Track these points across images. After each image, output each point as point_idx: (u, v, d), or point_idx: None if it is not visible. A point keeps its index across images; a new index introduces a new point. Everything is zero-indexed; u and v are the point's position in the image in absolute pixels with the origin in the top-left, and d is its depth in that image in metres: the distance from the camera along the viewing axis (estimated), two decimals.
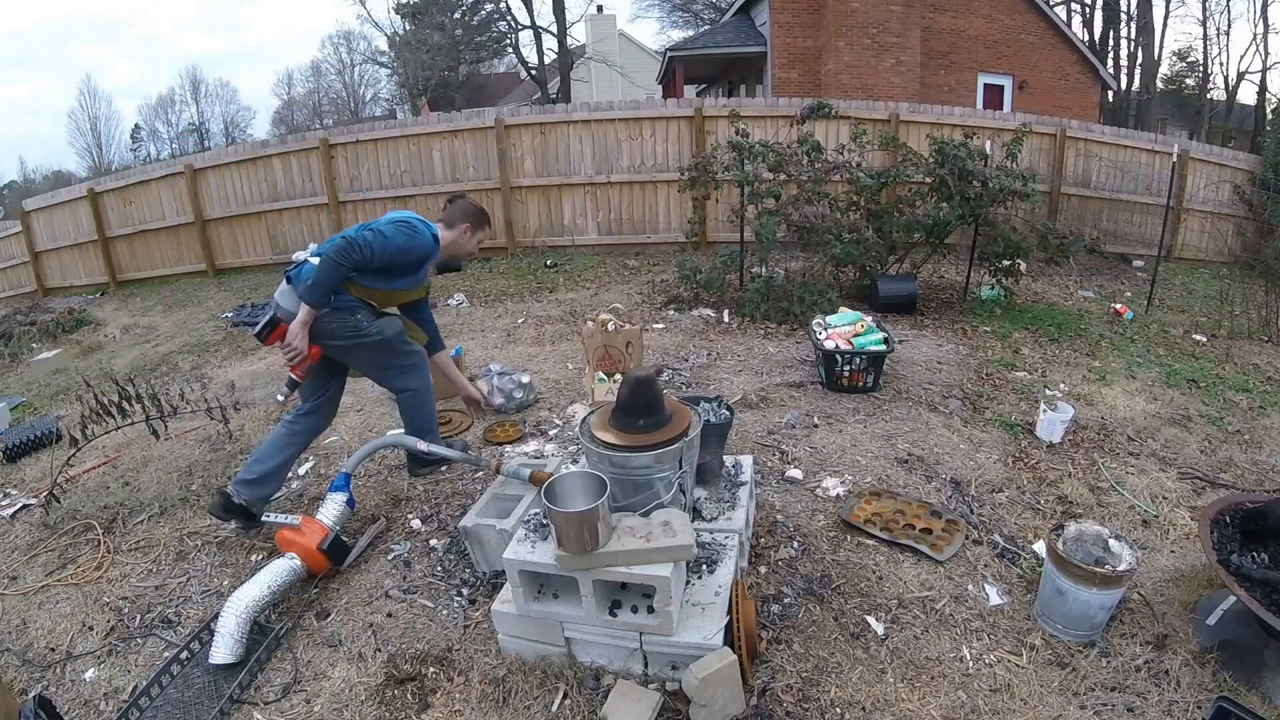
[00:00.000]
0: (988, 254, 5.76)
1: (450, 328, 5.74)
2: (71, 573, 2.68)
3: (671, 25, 29.99)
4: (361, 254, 2.52)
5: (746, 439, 3.39)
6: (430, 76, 22.44)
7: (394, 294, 2.81)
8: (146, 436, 3.39)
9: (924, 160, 5.70)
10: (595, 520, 1.82)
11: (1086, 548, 2.16)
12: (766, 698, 1.92)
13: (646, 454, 1.97)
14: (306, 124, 36.72)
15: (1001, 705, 1.90)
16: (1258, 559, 2.08)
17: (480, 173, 8.15)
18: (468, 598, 2.37)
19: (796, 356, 4.60)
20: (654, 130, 8.00)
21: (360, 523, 2.80)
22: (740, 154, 5.54)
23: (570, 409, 3.84)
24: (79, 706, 2.06)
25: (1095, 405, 3.93)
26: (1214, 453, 3.41)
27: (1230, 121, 23.96)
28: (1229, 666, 1.99)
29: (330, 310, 2.58)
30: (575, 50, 22.51)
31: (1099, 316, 5.94)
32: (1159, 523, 2.77)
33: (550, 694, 1.95)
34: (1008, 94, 13.73)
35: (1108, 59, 23.23)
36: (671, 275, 6.60)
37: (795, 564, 2.46)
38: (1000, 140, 6.26)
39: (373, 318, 2.72)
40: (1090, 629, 2.11)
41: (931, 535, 2.60)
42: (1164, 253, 7.08)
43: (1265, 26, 21.29)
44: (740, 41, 13.53)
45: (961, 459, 3.22)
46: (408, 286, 2.83)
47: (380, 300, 2.78)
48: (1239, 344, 5.35)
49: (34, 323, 7.46)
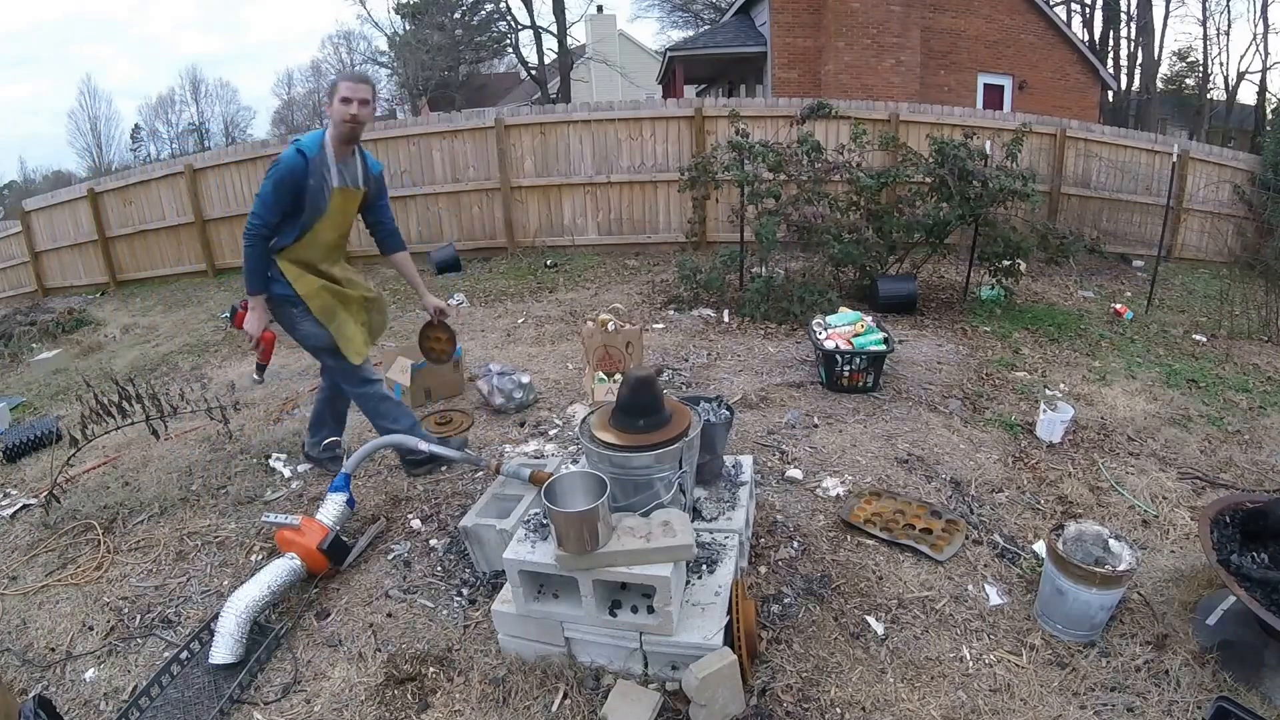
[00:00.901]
0: (988, 254, 5.76)
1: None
2: (71, 573, 2.68)
3: (671, 25, 29.99)
4: (258, 220, 2.59)
5: (746, 439, 3.38)
6: (430, 76, 22.43)
7: (316, 235, 2.69)
8: (146, 436, 3.39)
9: (924, 160, 5.70)
10: (595, 520, 1.82)
11: (1086, 548, 2.16)
12: (766, 698, 1.92)
13: (646, 454, 1.97)
14: (306, 124, 36.67)
15: (1001, 705, 1.90)
16: (1258, 559, 2.08)
17: (480, 173, 8.14)
18: (468, 598, 2.37)
19: (796, 356, 4.60)
20: (654, 130, 8.00)
21: (360, 523, 2.80)
22: (740, 154, 5.54)
23: (570, 409, 3.84)
24: (79, 706, 2.06)
25: (1095, 405, 3.93)
26: (1214, 453, 3.41)
27: (1230, 121, 23.95)
28: (1229, 666, 1.99)
29: (273, 298, 2.73)
30: (575, 50, 22.51)
31: (1099, 316, 5.94)
32: (1159, 523, 2.77)
33: (550, 694, 1.95)
34: (1008, 94, 13.72)
35: (1108, 59, 23.23)
36: (671, 275, 6.60)
37: (795, 564, 2.46)
38: (1000, 140, 6.25)
39: (306, 313, 2.74)
40: (1090, 629, 2.11)
41: (931, 535, 2.60)
42: (1164, 253, 7.08)
43: (1265, 26, 21.30)
44: (740, 41, 13.53)
45: (961, 459, 3.22)
46: (315, 217, 2.64)
47: (312, 254, 2.72)
48: (1239, 344, 5.35)
49: (34, 323, 7.46)
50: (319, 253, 2.75)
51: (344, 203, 2.72)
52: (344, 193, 2.70)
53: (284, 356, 5.24)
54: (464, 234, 8.30)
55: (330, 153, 2.61)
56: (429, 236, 8.26)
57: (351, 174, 2.71)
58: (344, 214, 2.76)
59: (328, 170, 2.61)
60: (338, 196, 2.67)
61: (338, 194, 2.67)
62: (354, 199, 2.77)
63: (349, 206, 2.77)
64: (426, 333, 3.38)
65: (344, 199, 2.71)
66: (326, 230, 2.71)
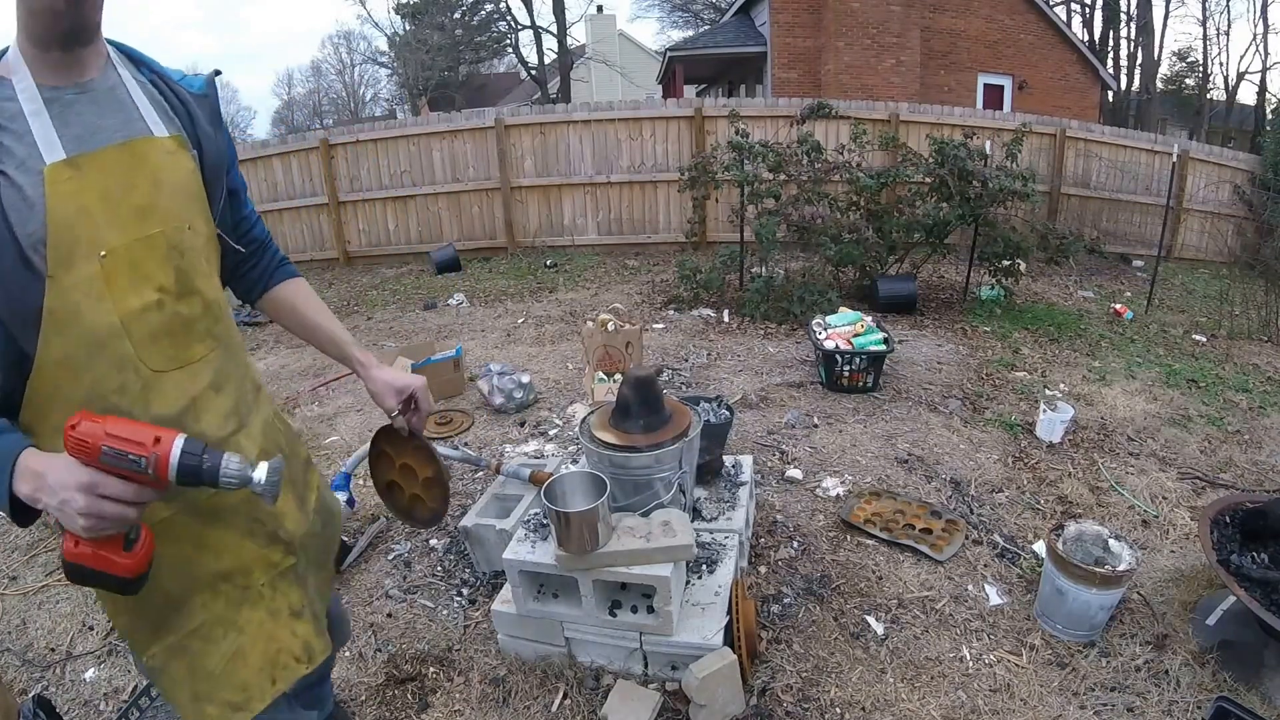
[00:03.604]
0: (988, 254, 5.76)
1: (450, 328, 5.74)
2: None
3: (671, 25, 29.99)
4: None
5: (746, 439, 3.38)
6: (430, 76, 22.45)
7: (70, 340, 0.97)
8: None
9: (924, 160, 5.70)
10: (595, 520, 1.82)
11: (1086, 548, 2.16)
12: (766, 698, 1.92)
13: (646, 454, 1.97)
14: (306, 124, 36.69)
15: (1001, 705, 1.90)
16: (1257, 559, 2.08)
17: (480, 173, 8.15)
18: (468, 598, 2.37)
19: (796, 356, 4.60)
20: (654, 130, 8.00)
21: (360, 523, 2.80)
22: (740, 154, 5.54)
23: (570, 409, 3.84)
24: (79, 706, 2.06)
25: (1095, 405, 3.93)
26: (1214, 453, 3.41)
27: (1230, 121, 23.94)
28: (1229, 666, 1.99)
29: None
30: (575, 50, 22.52)
31: (1099, 316, 5.93)
32: (1159, 523, 2.77)
33: (550, 694, 1.95)
34: (1008, 94, 13.72)
35: (1108, 59, 23.22)
36: (671, 275, 6.60)
37: (795, 564, 2.46)
38: (1000, 140, 6.25)
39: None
40: (1090, 629, 2.11)
41: (931, 535, 2.60)
42: (1164, 253, 7.07)
43: (1265, 26, 21.28)
44: (740, 41, 13.53)
45: (961, 459, 3.22)
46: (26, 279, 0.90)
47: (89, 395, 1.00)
48: (1239, 344, 5.35)
49: None
50: (107, 385, 0.97)
51: (112, 185, 0.95)
52: (97, 165, 0.93)
53: (283, 357, 5.24)
54: (464, 234, 8.30)
55: (24, 69, 0.90)
56: (429, 237, 8.26)
57: (120, 113, 0.98)
58: (135, 222, 0.96)
59: (16, 122, 0.89)
60: (73, 180, 0.91)
61: (65, 173, 0.90)
62: (147, 168, 0.99)
63: (141, 195, 0.97)
64: (392, 461, 1.47)
65: (105, 181, 0.94)
66: (94, 306, 0.93)
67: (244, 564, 1.13)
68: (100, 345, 0.95)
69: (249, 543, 1.13)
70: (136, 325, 0.97)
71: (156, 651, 1.07)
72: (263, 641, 1.13)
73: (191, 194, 1.05)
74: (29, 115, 0.89)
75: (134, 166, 0.97)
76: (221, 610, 1.10)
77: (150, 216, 0.98)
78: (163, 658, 1.08)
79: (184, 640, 1.08)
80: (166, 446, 0.88)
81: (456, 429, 3.66)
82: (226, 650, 1.10)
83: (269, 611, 1.15)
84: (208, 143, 1.09)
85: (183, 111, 1.07)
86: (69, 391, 0.95)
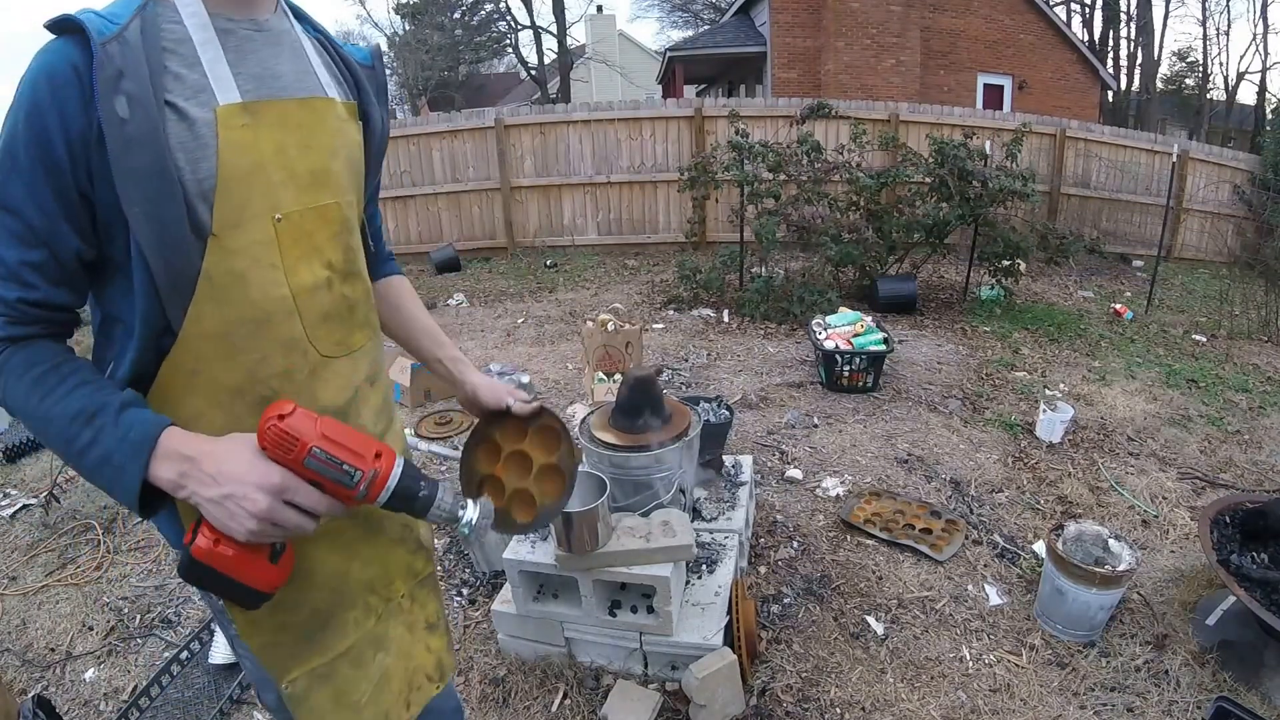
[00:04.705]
0: (988, 254, 5.77)
1: (450, 328, 5.74)
2: (71, 573, 2.68)
3: (671, 25, 29.98)
4: None
5: (746, 439, 3.38)
6: (430, 76, 22.43)
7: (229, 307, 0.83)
8: None
9: (924, 160, 5.70)
10: (595, 520, 1.82)
11: (1086, 548, 2.16)
12: (766, 698, 1.92)
13: (646, 454, 1.97)
14: None
15: (1001, 705, 1.90)
16: (1257, 559, 2.08)
17: (480, 173, 8.14)
18: (468, 598, 2.37)
19: (796, 356, 4.60)
20: (654, 130, 8.00)
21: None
22: (740, 154, 5.54)
23: (570, 409, 3.84)
24: (79, 706, 2.06)
25: (1095, 405, 3.93)
26: (1214, 453, 3.41)
27: (1230, 121, 23.93)
28: (1229, 666, 1.99)
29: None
30: (575, 50, 22.51)
31: (1099, 316, 5.93)
32: (1159, 523, 2.77)
33: (550, 694, 1.95)
34: (1007, 94, 13.72)
35: (1108, 59, 23.22)
36: (671, 275, 6.60)
37: (795, 564, 2.46)
38: (1000, 140, 6.26)
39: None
40: (1090, 629, 2.11)
41: (931, 535, 2.60)
42: (1164, 253, 7.07)
43: (1265, 26, 21.27)
44: (740, 41, 13.53)
45: (961, 459, 3.22)
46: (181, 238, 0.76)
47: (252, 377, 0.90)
48: (1239, 344, 5.35)
49: None
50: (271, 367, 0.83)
51: (290, 142, 0.82)
52: (275, 115, 0.81)
53: None
54: (464, 234, 8.29)
55: (199, 8, 0.76)
56: (429, 237, 8.26)
57: (297, 62, 0.87)
58: (310, 189, 0.84)
59: (184, 47, 0.75)
60: (249, 128, 0.77)
61: (241, 118, 0.77)
62: (325, 131, 0.87)
63: (317, 160, 0.85)
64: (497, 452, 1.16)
65: (282, 136, 0.81)
66: (265, 275, 0.80)
67: (388, 573, 1.00)
68: (266, 321, 0.80)
69: (399, 550, 1.02)
70: (308, 303, 0.84)
71: (298, 677, 0.91)
72: (403, 660, 1.02)
73: (357, 169, 0.94)
74: (198, 44, 0.76)
75: (313, 126, 0.85)
76: (372, 627, 0.98)
77: (325, 185, 0.86)
78: (305, 684, 0.92)
79: (333, 664, 0.94)
80: (388, 465, 0.77)
81: (456, 429, 3.66)
82: (374, 675, 0.98)
83: (406, 626, 1.04)
84: (374, 118, 0.99)
85: (350, 80, 0.96)
86: (218, 373, 0.79)
